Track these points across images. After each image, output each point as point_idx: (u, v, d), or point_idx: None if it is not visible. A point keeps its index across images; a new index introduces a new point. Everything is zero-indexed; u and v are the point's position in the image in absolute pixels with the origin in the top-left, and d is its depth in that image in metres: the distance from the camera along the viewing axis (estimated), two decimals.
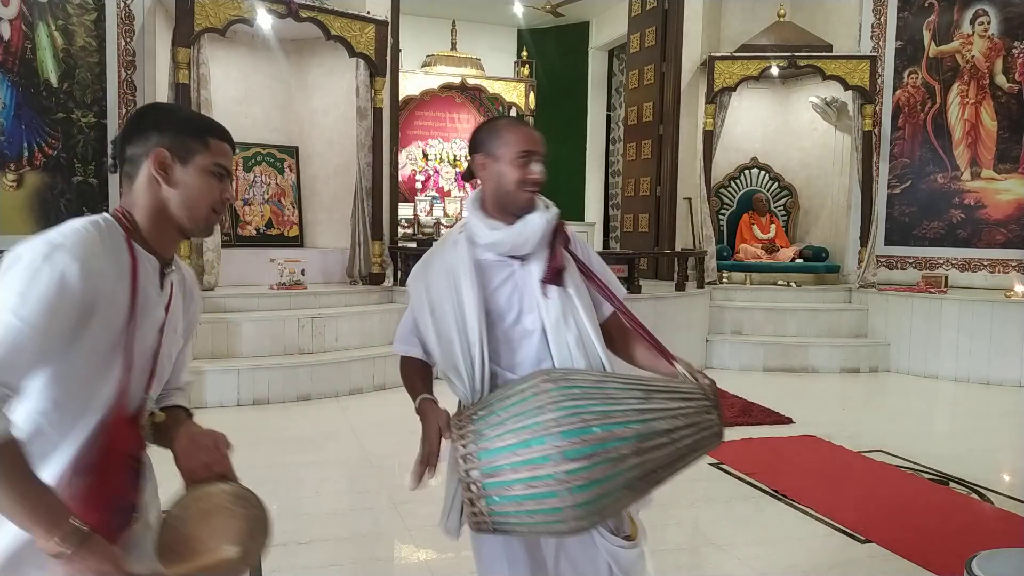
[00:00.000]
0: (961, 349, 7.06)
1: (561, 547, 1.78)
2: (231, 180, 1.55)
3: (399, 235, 8.26)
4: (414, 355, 1.88)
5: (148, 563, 1.34)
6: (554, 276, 1.78)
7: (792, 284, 8.17)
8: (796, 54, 8.08)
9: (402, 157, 10.52)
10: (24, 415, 1.26)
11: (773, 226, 8.84)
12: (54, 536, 1.17)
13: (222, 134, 1.56)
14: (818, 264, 8.40)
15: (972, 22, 7.98)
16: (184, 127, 1.49)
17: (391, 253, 7.36)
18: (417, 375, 1.89)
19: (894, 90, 8.26)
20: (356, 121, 7.04)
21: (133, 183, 1.46)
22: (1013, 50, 7.83)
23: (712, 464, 4.44)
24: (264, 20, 6.38)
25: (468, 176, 2.03)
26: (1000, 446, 5.09)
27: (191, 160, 1.45)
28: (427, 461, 1.76)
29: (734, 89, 8.21)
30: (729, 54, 8.29)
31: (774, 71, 8.16)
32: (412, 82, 11.08)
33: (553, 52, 12.73)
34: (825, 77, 8.04)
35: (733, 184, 9.13)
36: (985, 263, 7.96)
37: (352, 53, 6.85)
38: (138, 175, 1.45)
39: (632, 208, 9.25)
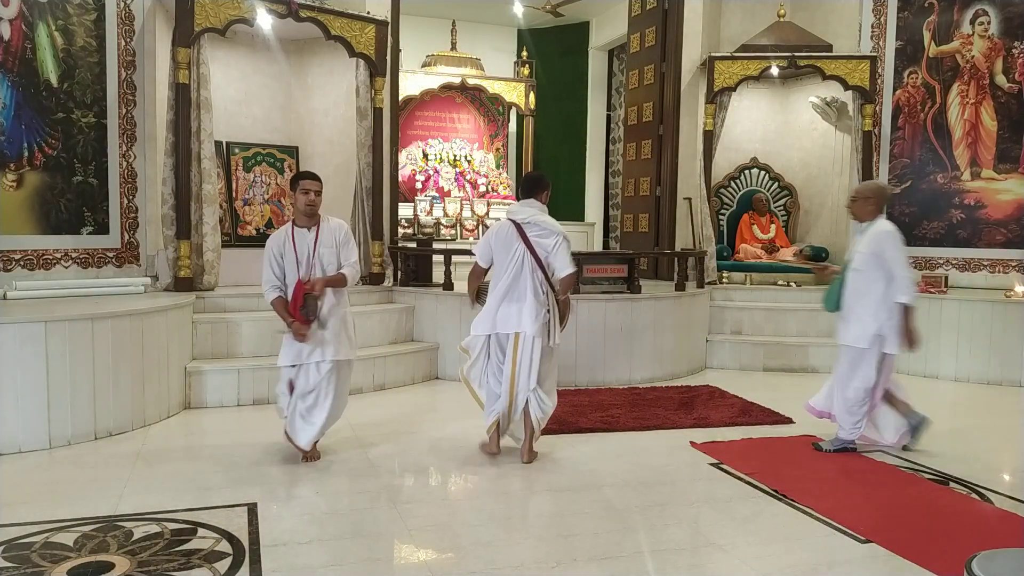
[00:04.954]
0: (961, 349, 7.06)
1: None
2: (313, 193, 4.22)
3: (399, 235, 8.26)
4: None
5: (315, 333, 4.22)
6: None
7: (792, 284, 8.17)
8: (796, 54, 8.08)
9: (402, 157, 10.52)
10: (278, 287, 4.27)
11: (773, 226, 8.84)
12: (287, 319, 4.23)
13: (304, 176, 4.31)
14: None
15: (972, 22, 7.99)
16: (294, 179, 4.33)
17: (391, 253, 7.36)
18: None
19: (894, 90, 8.26)
20: (356, 121, 7.04)
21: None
22: (1013, 50, 7.83)
23: (712, 464, 4.44)
24: (264, 20, 6.38)
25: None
26: (1000, 446, 5.09)
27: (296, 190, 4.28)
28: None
29: (734, 89, 8.21)
30: (729, 54, 8.29)
31: (774, 71, 8.16)
32: (412, 82, 11.08)
33: (553, 52, 12.73)
34: (825, 77, 8.04)
35: (733, 184, 9.13)
36: (985, 263, 7.96)
37: (352, 53, 6.85)
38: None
39: (632, 208, 9.25)
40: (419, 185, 10.93)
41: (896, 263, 4.44)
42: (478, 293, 4.54)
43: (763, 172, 9.13)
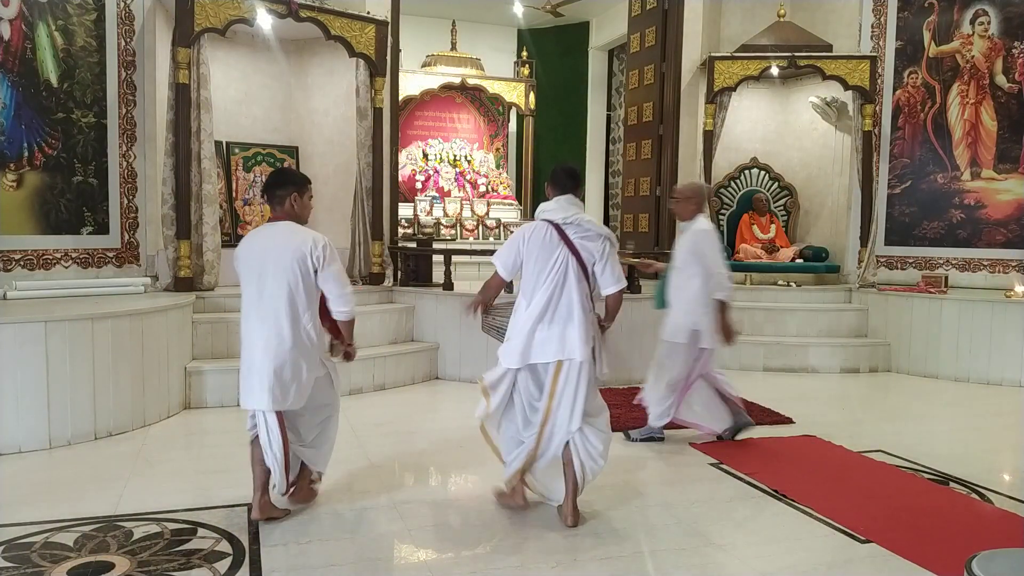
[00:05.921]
0: (961, 349, 7.06)
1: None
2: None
3: (399, 235, 8.26)
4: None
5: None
6: None
7: (792, 284, 8.17)
8: (796, 54, 8.08)
9: (402, 157, 10.52)
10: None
11: (773, 226, 8.84)
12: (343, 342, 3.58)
13: (308, 180, 3.65)
14: (818, 264, 8.40)
15: (972, 22, 7.98)
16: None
17: (391, 253, 7.36)
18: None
19: (894, 90, 8.26)
20: (356, 121, 7.04)
21: (283, 206, 3.48)
22: (1013, 50, 7.83)
23: (712, 464, 4.44)
24: (264, 20, 6.38)
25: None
26: (1000, 446, 5.09)
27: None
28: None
29: (734, 89, 8.21)
30: (729, 54, 8.29)
31: (774, 71, 8.16)
32: (412, 82, 11.09)
33: (553, 52, 12.74)
34: (825, 77, 8.04)
35: (733, 184, 9.12)
36: (985, 263, 7.96)
37: (352, 53, 6.85)
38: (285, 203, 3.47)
39: (632, 208, 9.25)
40: (419, 185, 10.93)
41: (712, 261, 4.51)
42: (487, 311, 3.72)
43: (763, 172, 9.13)
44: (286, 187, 3.46)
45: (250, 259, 3.37)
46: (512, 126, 12.59)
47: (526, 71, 12.11)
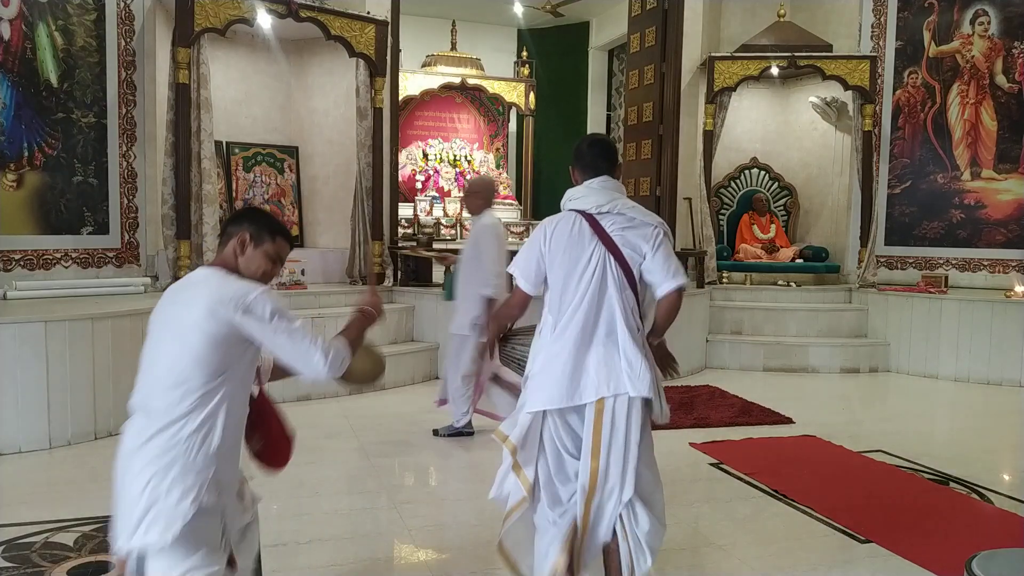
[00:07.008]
0: (961, 349, 7.05)
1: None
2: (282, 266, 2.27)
3: (399, 235, 8.26)
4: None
5: None
6: None
7: (792, 284, 8.16)
8: (796, 54, 8.08)
9: (402, 157, 10.51)
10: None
11: (773, 226, 8.84)
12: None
13: (286, 235, 2.22)
14: (818, 264, 8.40)
15: (972, 22, 7.98)
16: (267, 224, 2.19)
17: (391, 253, 7.36)
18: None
19: (894, 90, 8.26)
20: (356, 121, 7.04)
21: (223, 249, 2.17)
22: (1013, 50, 7.83)
23: (712, 464, 4.44)
24: (264, 20, 6.38)
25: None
26: (1000, 446, 5.09)
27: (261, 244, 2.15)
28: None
29: (734, 89, 8.21)
30: (729, 54, 8.29)
31: (774, 71, 8.15)
32: (412, 82, 11.07)
33: (553, 52, 12.73)
34: (825, 77, 8.04)
35: (733, 184, 9.13)
36: (985, 263, 7.96)
37: (352, 53, 6.85)
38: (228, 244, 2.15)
39: None
40: (419, 185, 10.93)
41: (487, 256, 4.50)
42: (504, 339, 2.99)
43: (763, 172, 9.13)
44: (240, 224, 2.17)
45: (152, 321, 2.14)
46: (512, 126, 12.58)
47: (526, 71, 12.10)
